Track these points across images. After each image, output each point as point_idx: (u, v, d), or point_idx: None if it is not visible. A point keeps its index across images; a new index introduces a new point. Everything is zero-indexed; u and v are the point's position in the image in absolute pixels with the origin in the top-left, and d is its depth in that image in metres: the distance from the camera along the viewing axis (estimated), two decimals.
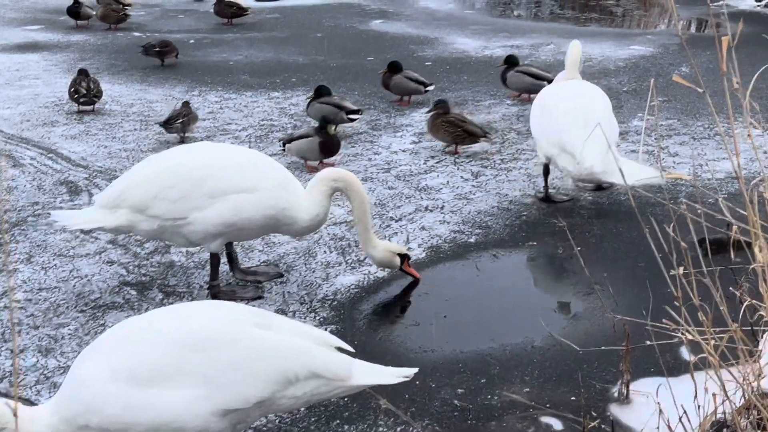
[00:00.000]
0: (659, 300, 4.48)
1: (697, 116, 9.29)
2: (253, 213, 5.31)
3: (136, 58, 12.36)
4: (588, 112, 6.60)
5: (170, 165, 5.40)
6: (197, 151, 5.67)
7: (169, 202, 5.24)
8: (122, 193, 5.30)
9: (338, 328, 5.15)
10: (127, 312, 5.34)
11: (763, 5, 15.96)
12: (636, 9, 17.60)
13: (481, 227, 6.59)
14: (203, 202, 5.26)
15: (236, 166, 5.42)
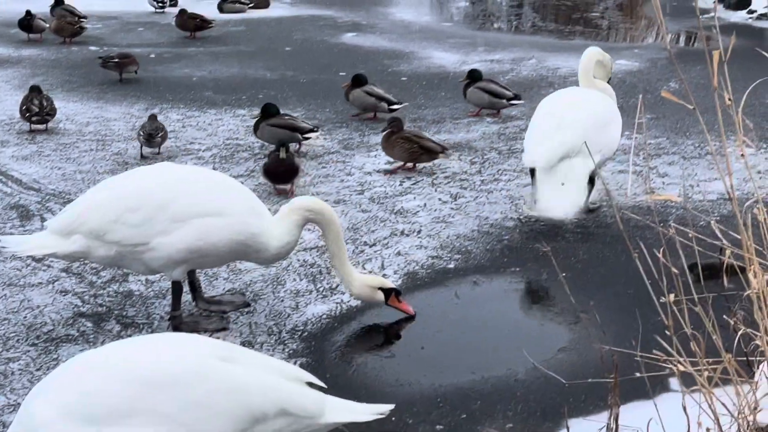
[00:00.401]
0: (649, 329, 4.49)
1: (686, 134, 9.36)
2: (220, 238, 5.28)
3: (92, 73, 12.33)
4: (564, 117, 6.90)
5: (131, 187, 5.37)
6: (159, 172, 5.64)
7: (130, 227, 5.20)
8: (78, 218, 5.25)
9: (309, 360, 5.13)
10: (82, 345, 5.28)
11: (755, 17, 16.14)
12: (622, 22, 17.76)
13: (460, 252, 6.60)
14: (167, 226, 5.22)
15: (202, 189, 5.41)
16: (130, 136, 9.46)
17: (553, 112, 7.09)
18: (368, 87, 10.06)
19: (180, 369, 3.50)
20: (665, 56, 13.34)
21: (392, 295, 5.57)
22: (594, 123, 6.92)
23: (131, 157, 8.75)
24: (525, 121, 9.94)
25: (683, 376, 3.72)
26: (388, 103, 9.97)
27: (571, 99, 7.29)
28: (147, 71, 12.35)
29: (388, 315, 5.69)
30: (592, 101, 7.21)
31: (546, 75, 12.28)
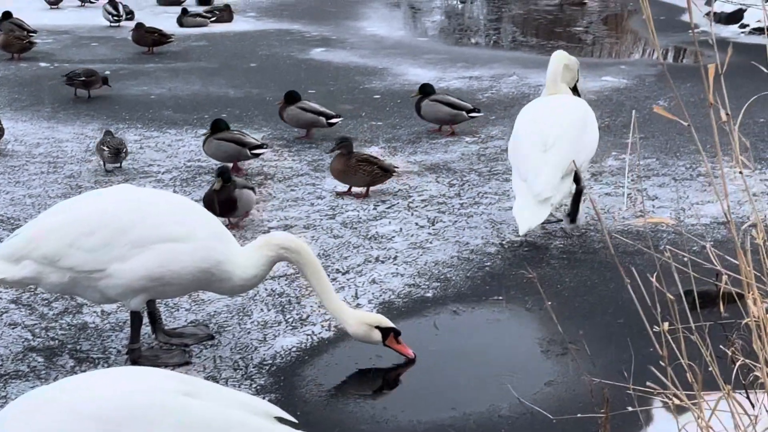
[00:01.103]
0: (642, 360, 4.50)
1: (678, 155, 9.42)
2: (183, 266, 5.25)
3: (42, 91, 12.30)
4: (548, 134, 7.18)
5: (88, 210, 5.33)
6: (117, 195, 5.59)
7: (86, 252, 5.16)
8: (30, 242, 5.21)
9: (278, 397, 5.10)
10: (33, 382, 5.24)
11: (747, 32, 16.31)
12: (607, 36, 17.91)
13: (439, 280, 6.60)
14: (126, 251, 5.18)
15: (164, 212, 5.38)
16: (84, 158, 9.44)
17: (536, 131, 7.27)
18: (303, 103, 10.13)
19: (140, 404, 3.47)
20: (653, 73, 13.45)
21: (390, 335, 5.48)
22: (576, 130, 7.23)
23: (85, 180, 8.72)
24: (505, 141, 9.97)
25: (679, 410, 3.72)
26: (327, 118, 10.02)
27: (546, 111, 7.51)
28: (101, 89, 12.32)
29: (362, 348, 5.68)
30: (567, 109, 7.49)
31: (528, 92, 12.34)
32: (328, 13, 19.63)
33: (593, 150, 7.53)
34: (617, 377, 4.52)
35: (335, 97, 12.18)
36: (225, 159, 8.86)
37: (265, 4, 20.85)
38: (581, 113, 7.51)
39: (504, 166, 9.12)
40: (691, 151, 9.43)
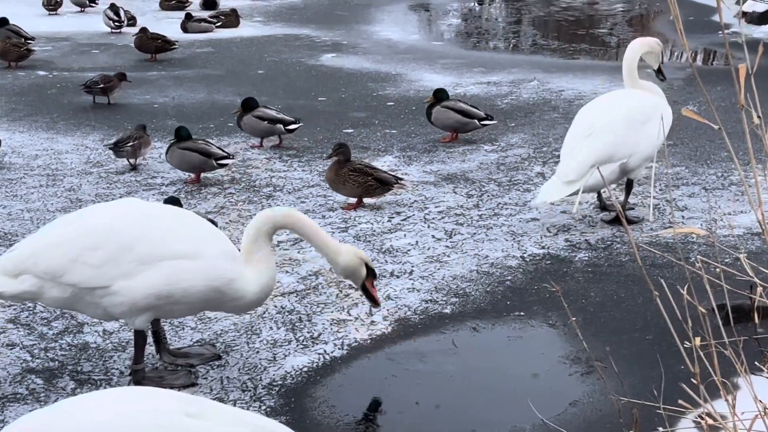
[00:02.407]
0: (672, 378, 4.49)
1: (708, 163, 9.40)
2: (193, 284, 5.25)
3: (41, 101, 12.36)
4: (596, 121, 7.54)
5: (92, 224, 5.33)
6: (123, 209, 5.58)
7: (90, 268, 5.16)
8: (30, 258, 5.21)
9: (288, 419, 5.10)
10: (32, 405, 5.24)
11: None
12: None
13: (457, 295, 6.59)
14: (132, 268, 5.18)
15: (172, 228, 5.37)
16: (85, 170, 9.47)
17: (587, 117, 7.70)
18: (260, 110, 10.21)
19: (146, 426, 3.47)
20: (682, 76, 13.44)
21: (370, 277, 5.54)
22: (625, 123, 7.43)
23: (86, 194, 8.75)
24: (526, 149, 10.00)
25: (712, 430, 3.71)
26: (285, 124, 10.09)
27: (605, 101, 7.90)
28: (102, 98, 12.37)
29: (377, 367, 5.67)
30: (627, 100, 7.77)
31: (549, 98, 12.34)
32: (339, 17, 19.68)
33: (648, 147, 7.59)
34: (646, 396, 4.50)
35: (347, 105, 12.20)
36: (189, 169, 9.00)
37: (273, 8, 20.91)
38: (644, 108, 7.69)
39: (525, 176, 9.12)
40: (723, 158, 9.41)
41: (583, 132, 7.55)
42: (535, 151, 9.99)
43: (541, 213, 8.11)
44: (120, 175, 9.31)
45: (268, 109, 10.29)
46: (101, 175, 9.35)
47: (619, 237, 7.49)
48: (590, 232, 7.66)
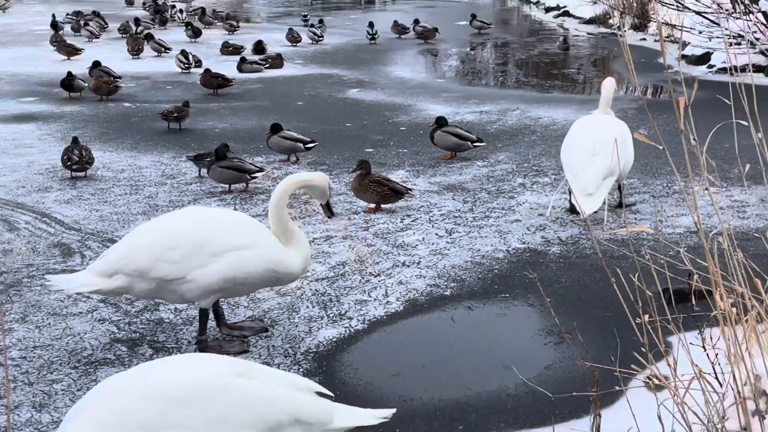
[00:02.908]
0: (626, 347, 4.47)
1: (655, 176, 9.36)
2: (254, 268, 5.32)
3: (126, 127, 12.39)
4: (597, 142, 7.54)
5: (170, 229, 5.37)
6: (191, 215, 5.65)
7: (171, 264, 5.21)
8: (122, 260, 5.24)
9: (321, 379, 5.09)
10: (118, 368, 5.26)
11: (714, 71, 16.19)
12: (596, 76, 17.83)
13: (455, 281, 6.57)
14: (205, 261, 5.24)
15: (232, 226, 5.44)
16: (160, 181, 9.49)
17: (588, 138, 7.67)
18: (284, 132, 10.19)
19: (203, 386, 3.48)
20: (634, 107, 13.37)
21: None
22: (620, 143, 7.42)
23: (161, 200, 8.76)
24: (510, 164, 9.97)
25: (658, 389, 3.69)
26: (303, 143, 10.09)
27: (596, 126, 7.91)
28: (175, 125, 12.39)
29: (391, 338, 5.67)
30: (612, 126, 7.88)
31: (529, 124, 12.31)
32: (362, 60, 19.66)
33: (630, 162, 7.92)
34: (606, 361, 4.49)
35: (368, 129, 12.19)
36: (226, 182, 9.02)
37: (310, 53, 20.91)
38: (623, 131, 7.88)
39: (510, 186, 9.09)
40: (667, 172, 9.37)
41: (587, 151, 7.52)
42: (518, 166, 9.96)
43: (522, 215, 8.08)
44: (188, 185, 9.33)
45: (291, 132, 10.31)
46: (173, 185, 9.36)
47: (584, 234, 7.46)
48: (561, 231, 7.63)
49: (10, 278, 6.73)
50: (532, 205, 8.42)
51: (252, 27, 26.63)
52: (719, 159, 9.41)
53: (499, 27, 26.76)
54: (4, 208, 8.57)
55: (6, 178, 9.69)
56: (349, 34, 24.59)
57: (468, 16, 25.46)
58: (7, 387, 5.03)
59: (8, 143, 11.48)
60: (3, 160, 10.56)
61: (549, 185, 9.06)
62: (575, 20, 27.32)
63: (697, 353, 3.66)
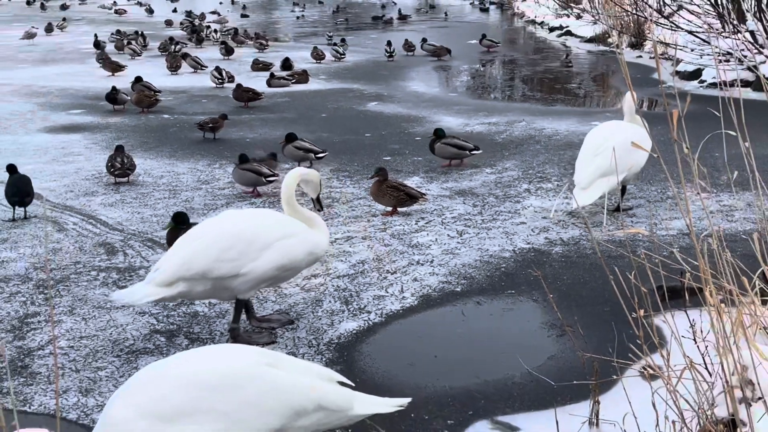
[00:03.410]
0: (623, 340, 4.44)
1: (650, 182, 9.31)
2: (297, 253, 5.44)
3: (165, 136, 12.44)
4: (602, 144, 7.63)
5: (221, 231, 5.39)
6: (233, 217, 5.65)
7: (229, 262, 5.27)
8: (183, 266, 5.23)
9: (342, 368, 5.09)
10: (157, 356, 5.27)
11: (705, 86, 16.12)
12: (596, 91, 17.78)
13: (465, 278, 6.56)
14: (257, 254, 5.33)
15: (273, 221, 5.55)
16: (196, 186, 9.52)
17: (595, 140, 7.82)
18: (297, 142, 10.22)
19: (234, 374, 3.48)
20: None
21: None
22: (622, 148, 6.86)
23: (197, 203, 8.78)
24: (516, 172, 9.95)
25: (652, 378, 3.67)
26: (315, 153, 10.10)
27: (608, 130, 7.95)
28: (210, 134, 12.44)
29: (407, 330, 5.66)
30: (623, 130, 7.79)
31: (534, 134, 12.27)
32: (381, 76, 19.67)
33: (639, 166, 7.89)
34: (604, 353, 4.46)
35: (386, 139, 12.19)
36: (247, 184, 9.10)
37: (333, 69, 20.94)
38: (632, 137, 7.47)
39: (515, 191, 9.07)
40: (661, 179, 9.32)
41: (591, 151, 7.71)
42: (524, 173, 9.93)
43: (527, 218, 8.05)
44: (221, 190, 9.36)
45: (303, 142, 10.32)
46: (208, 190, 9.39)
47: (585, 236, 7.43)
48: (564, 232, 7.60)
49: (60, 274, 6.76)
50: (537, 208, 8.39)
51: (280, 45, 26.70)
52: (710, 167, 9.36)
53: (506, 45, 26.71)
54: (55, 210, 8.63)
55: (56, 183, 9.75)
56: (369, 52, 24.62)
57: (478, 35, 25.44)
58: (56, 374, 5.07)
59: (58, 151, 11.55)
60: (53, 166, 10.63)
61: (552, 191, 9.03)
62: (577, 39, 27.25)
63: (689, 345, 3.64)
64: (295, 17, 41.73)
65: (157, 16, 41.88)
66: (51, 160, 11.04)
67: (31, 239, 7.70)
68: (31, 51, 25.73)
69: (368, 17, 39.83)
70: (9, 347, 5.43)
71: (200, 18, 37.23)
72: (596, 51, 24.06)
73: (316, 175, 5.89)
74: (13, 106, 15.65)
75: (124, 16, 42.82)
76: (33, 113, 14.82)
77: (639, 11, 21.03)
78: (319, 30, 31.56)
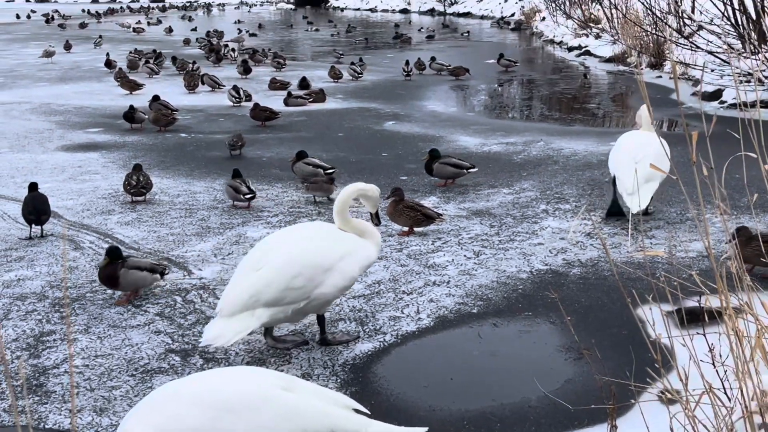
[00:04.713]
0: (641, 363, 4.42)
1: (670, 203, 9.27)
2: (355, 270, 5.54)
3: (182, 155, 12.52)
4: (639, 151, 8.11)
5: (287, 259, 5.38)
6: (291, 238, 5.60)
7: (297, 290, 5.32)
8: (252, 296, 5.26)
9: (357, 389, 5.09)
10: (172, 376, 5.29)
11: (725, 107, 16.08)
12: (614, 111, 17.75)
13: (482, 299, 6.55)
14: (322, 278, 5.38)
15: (331, 240, 5.57)
16: (212, 205, 9.57)
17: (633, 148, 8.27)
18: (308, 159, 10.36)
19: (248, 396, 3.49)
20: None
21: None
22: (660, 154, 7.73)
23: (213, 222, 8.82)
24: (534, 192, 9.94)
25: (670, 402, 3.65)
26: (324, 170, 10.15)
27: (640, 141, 8.35)
28: (225, 153, 12.51)
29: (422, 352, 5.66)
30: (653, 140, 8.07)
31: (552, 155, 12.26)
32: (398, 95, 19.74)
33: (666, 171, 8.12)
34: (622, 376, 4.45)
35: (402, 159, 12.21)
36: (229, 198, 9.50)
37: (350, 88, 21.03)
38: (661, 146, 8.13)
39: (533, 212, 9.06)
40: (681, 200, 9.28)
41: (632, 159, 8.07)
42: (541, 193, 9.92)
43: (545, 239, 8.04)
44: (237, 209, 9.40)
45: (314, 159, 10.41)
46: (224, 209, 9.44)
47: (603, 257, 7.41)
48: (581, 254, 7.58)
49: (76, 293, 6.81)
50: (554, 229, 8.38)
51: (297, 64, 26.86)
52: (729, 189, 9.29)
53: (524, 65, 26.75)
54: (71, 228, 8.69)
55: (73, 202, 9.83)
56: (386, 71, 24.71)
57: (496, 54, 25.49)
58: (72, 392, 5.09)
59: (75, 170, 11.65)
60: (70, 185, 10.72)
61: (570, 211, 9.02)
62: (595, 59, 27.26)
63: (707, 369, 3.62)
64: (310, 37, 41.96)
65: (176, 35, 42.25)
66: (68, 178, 11.13)
67: (48, 257, 7.75)
68: (50, 69, 26.00)
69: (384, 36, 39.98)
70: (25, 365, 5.46)
71: (219, 36, 37.52)
72: (615, 71, 24.05)
73: (375, 190, 5.98)
74: (31, 124, 15.81)
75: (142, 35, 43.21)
76: (51, 131, 14.96)
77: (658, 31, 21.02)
78: (339, 48, 31.71)
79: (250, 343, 5.80)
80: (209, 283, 6.99)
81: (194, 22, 53.09)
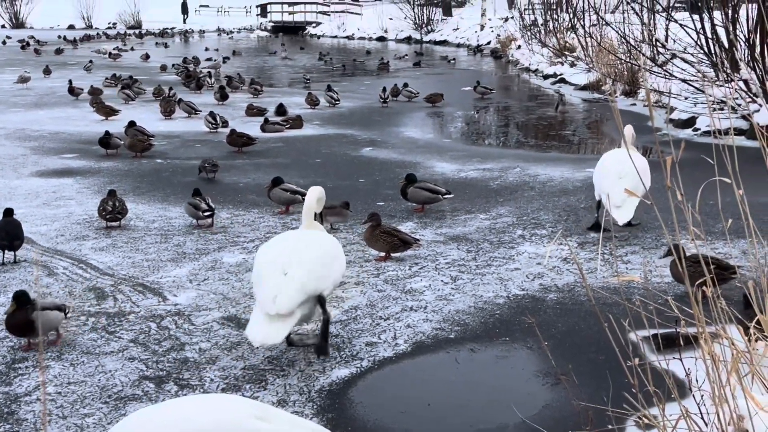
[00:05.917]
0: (618, 388, 4.42)
1: (645, 229, 9.34)
2: (342, 252, 6.13)
3: (158, 181, 12.46)
4: (623, 168, 8.45)
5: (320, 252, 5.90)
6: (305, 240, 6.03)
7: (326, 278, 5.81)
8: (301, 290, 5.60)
9: (333, 415, 5.05)
10: (146, 403, 5.23)
11: (699, 134, 16.26)
12: (590, 138, 17.89)
13: (459, 325, 6.54)
14: (335, 266, 5.95)
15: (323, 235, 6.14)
16: (188, 231, 9.52)
17: (617, 166, 8.63)
18: (284, 185, 10.38)
19: (223, 425, 3.44)
20: None
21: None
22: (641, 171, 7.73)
23: (189, 248, 8.77)
24: (510, 218, 9.97)
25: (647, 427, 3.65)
26: (302, 195, 10.16)
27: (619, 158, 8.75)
28: (202, 179, 12.47)
29: (399, 377, 5.63)
30: (637, 156, 8.54)
31: (528, 181, 12.33)
32: (375, 122, 19.79)
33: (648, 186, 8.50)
34: (599, 402, 4.44)
35: (380, 185, 12.22)
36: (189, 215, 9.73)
37: (327, 114, 21.07)
38: (645, 161, 8.77)
39: (510, 237, 9.08)
40: (656, 226, 9.35)
41: (616, 175, 8.47)
42: (518, 219, 9.96)
43: (522, 264, 8.06)
44: (214, 235, 9.35)
45: (290, 185, 10.42)
46: (200, 234, 9.39)
47: (579, 282, 7.44)
48: (558, 279, 7.60)
49: None
50: (531, 254, 8.40)
51: (274, 91, 26.89)
52: (704, 214, 9.38)
53: (501, 92, 26.94)
54: (45, 254, 8.61)
55: (47, 228, 9.74)
56: (363, 98, 24.79)
57: (473, 82, 25.66)
58: (44, 420, 5.02)
59: (49, 195, 11.56)
60: (44, 210, 10.63)
61: (546, 237, 9.05)
62: (570, 86, 27.49)
63: (685, 393, 3.62)
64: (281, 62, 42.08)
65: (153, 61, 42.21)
66: (42, 204, 11.04)
67: (20, 284, 7.67)
68: (25, 95, 25.86)
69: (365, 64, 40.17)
70: None
71: (195, 63, 37.48)
72: (590, 98, 24.27)
73: (323, 191, 6.45)
74: (5, 149, 15.69)
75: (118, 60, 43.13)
76: (25, 157, 14.85)
77: (632, 59, 21.26)
78: (314, 76, 31.79)
79: (225, 369, 5.75)
80: (184, 309, 6.94)
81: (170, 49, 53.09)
